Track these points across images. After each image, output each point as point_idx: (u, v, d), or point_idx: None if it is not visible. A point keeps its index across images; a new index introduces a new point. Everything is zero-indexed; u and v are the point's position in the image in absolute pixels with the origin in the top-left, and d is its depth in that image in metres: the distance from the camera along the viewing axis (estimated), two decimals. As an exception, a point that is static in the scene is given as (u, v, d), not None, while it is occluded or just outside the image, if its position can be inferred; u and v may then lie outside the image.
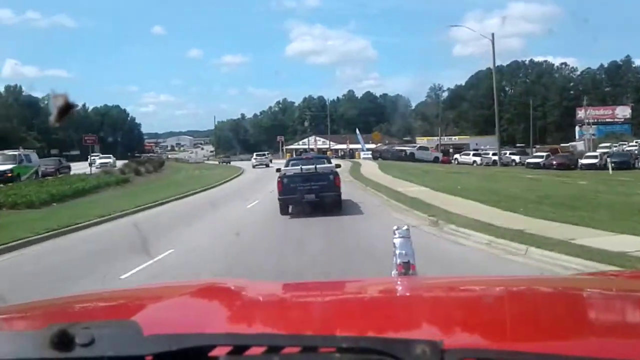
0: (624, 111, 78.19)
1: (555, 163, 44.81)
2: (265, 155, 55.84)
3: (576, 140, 70.42)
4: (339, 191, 14.98)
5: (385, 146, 61.35)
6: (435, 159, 53.45)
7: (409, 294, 1.91)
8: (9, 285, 7.67)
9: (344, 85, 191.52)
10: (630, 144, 60.77)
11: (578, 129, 72.93)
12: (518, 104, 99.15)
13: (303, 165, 15.48)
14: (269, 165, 47.53)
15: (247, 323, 1.47)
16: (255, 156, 55.33)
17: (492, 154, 55.05)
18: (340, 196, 15.10)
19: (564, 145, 67.70)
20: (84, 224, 14.30)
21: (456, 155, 56.39)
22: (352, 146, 70.12)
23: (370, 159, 55.04)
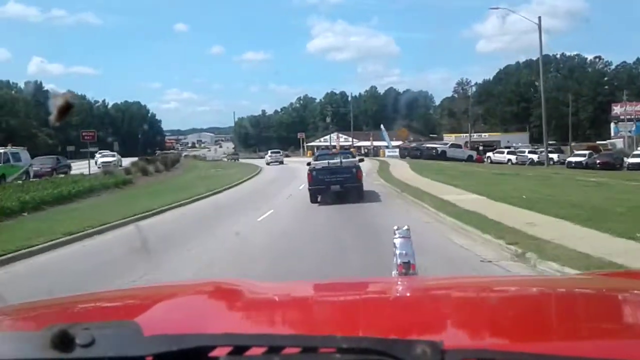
0: (663, 107, 73.51)
1: (599, 162, 41.70)
2: (279, 153, 57.41)
3: (612, 137, 66.28)
4: (361, 182, 17.23)
5: (413, 143, 57.84)
6: (469, 158, 49.47)
7: (409, 294, 1.90)
8: None
9: (365, 82, 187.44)
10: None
11: (614, 126, 68.56)
12: (549, 99, 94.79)
13: (329, 160, 17.55)
14: (282, 162, 50.96)
15: (247, 323, 1.47)
16: (270, 153, 56.45)
17: (528, 151, 51.67)
18: (362, 187, 17.31)
19: (601, 142, 64.07)
20: (31, 249, 10.57)
21: (489, 154, 52.49)
22: (376, 143, 67.00)
23: (396, 157, 52.04)
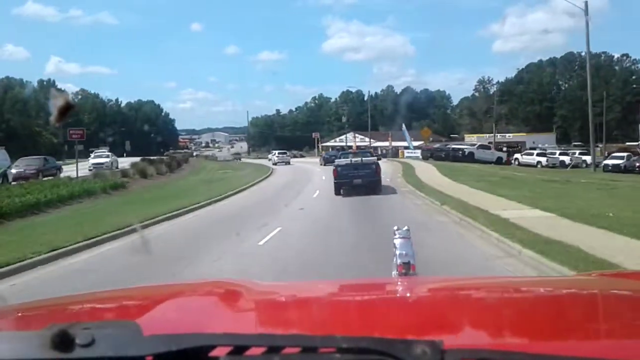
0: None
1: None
2: (286, 153, 60.03)
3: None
4: (380, 177, 20.11)
5: (436, 144, 54.53)
6: (499, 160, 45.74)
7: (409, 294, 1.90)
8: None
9: (380, 83, 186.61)
10: None
11: (644, 127, 65.07)
12: (574, 99, 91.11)
13: (352, 158, 20.92)
14: (289, 163, 53.36)
15: (247, 323, 1.46)
16: (277, 154, 58.75)
17: (559, 153, 48.58)
18: (380, 181, 20.15)
19: (631, 144, 60.67)
20: None
21: (517, 155, 49.23)
22: (395, 143, 64.03)
23: (416, 158, 49.09)
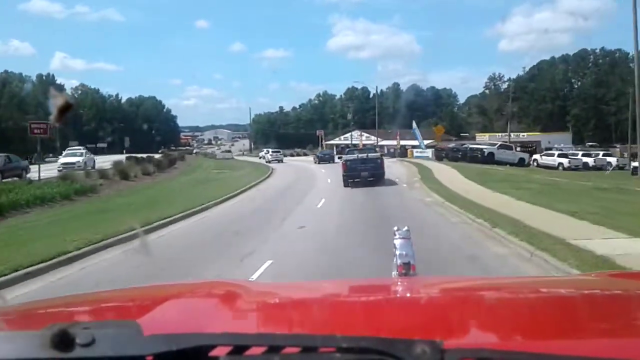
0: None
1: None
2: (279, 152, 63.03)
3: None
4: (384, 170, 24.18)
5: (451, 144, 51.45)
6: (520, 161, 42.65)
7: (409, 294, 1.90)
8: None
9: (386, 81, 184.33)
10: None
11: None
12: (588, 97, 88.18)
13: (359, 154, 25.39)
14: (282, 161, 55.67)
15: (247, 323, 1.46)
16: (271, 152, 61.38)
17: (582, 154, 45.73)
18: (384, 174, 24.13)
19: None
20: None
21: (535, 156, 46.42)
22: (403, 142, 61.11)
23: (426, 158, 46.19)
